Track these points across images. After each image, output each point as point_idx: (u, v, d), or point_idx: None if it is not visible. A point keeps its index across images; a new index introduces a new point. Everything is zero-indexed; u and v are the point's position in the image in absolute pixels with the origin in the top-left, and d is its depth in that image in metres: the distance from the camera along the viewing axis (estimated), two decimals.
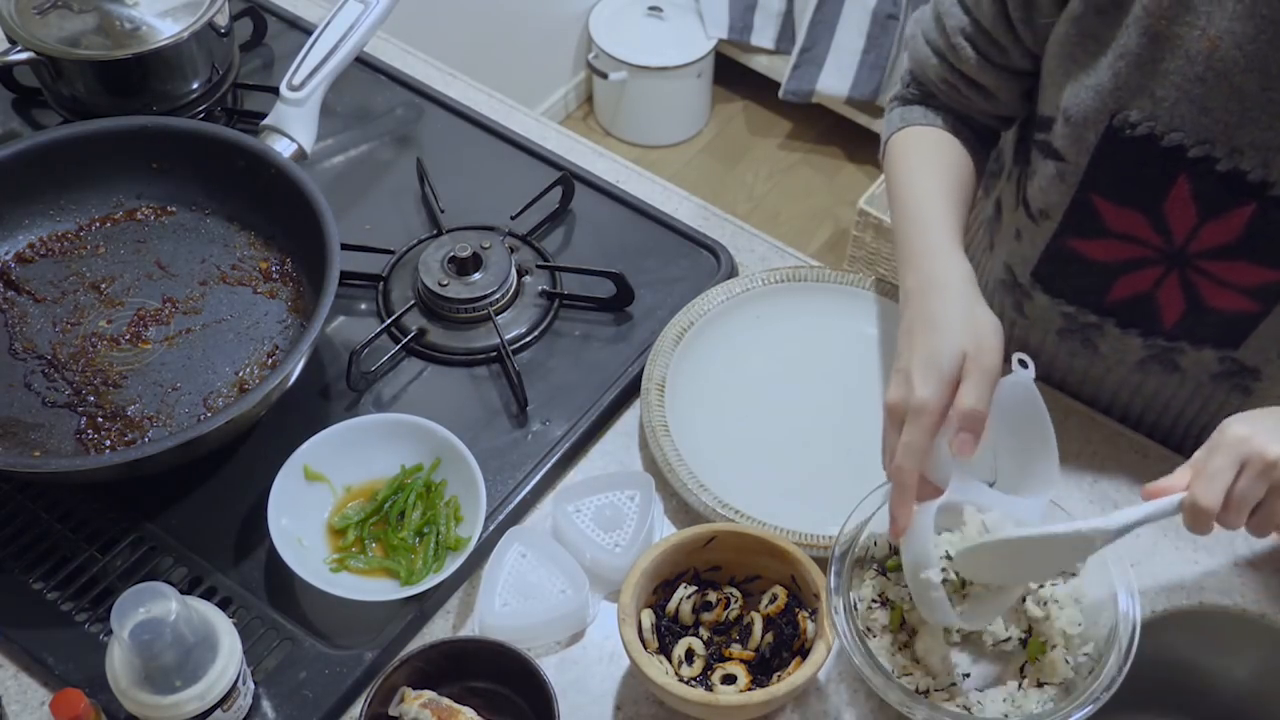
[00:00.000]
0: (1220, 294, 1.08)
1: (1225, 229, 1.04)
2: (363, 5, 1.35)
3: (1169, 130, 1.01)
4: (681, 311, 1.27)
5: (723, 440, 1.20)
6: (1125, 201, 1.07)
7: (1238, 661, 1.15)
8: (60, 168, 1.28)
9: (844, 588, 1.01)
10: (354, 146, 1.46)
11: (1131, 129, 1.03)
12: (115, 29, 1.37)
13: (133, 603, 0.91)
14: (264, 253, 1.28)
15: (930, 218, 1.10)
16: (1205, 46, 0.97)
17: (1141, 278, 1.11)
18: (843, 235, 2.96)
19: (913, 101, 1.22)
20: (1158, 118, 1.01)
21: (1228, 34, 0.96)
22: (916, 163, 1.17)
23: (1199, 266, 1.07)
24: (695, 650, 1.02)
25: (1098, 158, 1.06)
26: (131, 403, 1.17)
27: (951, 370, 0.97)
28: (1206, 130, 1.00)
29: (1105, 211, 1.09)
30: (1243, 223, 1.03)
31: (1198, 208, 1.04)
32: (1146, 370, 1.19)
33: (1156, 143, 1.02)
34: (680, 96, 3.12)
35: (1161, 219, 1.06)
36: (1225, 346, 1.13)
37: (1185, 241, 1.06)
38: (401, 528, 1.11)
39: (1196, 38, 0.97)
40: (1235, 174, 1.01)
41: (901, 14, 2.81)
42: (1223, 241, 1.05)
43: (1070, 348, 1.22)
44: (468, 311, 1.27)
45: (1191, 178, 1.02)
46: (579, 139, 1.49)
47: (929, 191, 1.12)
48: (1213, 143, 1.00)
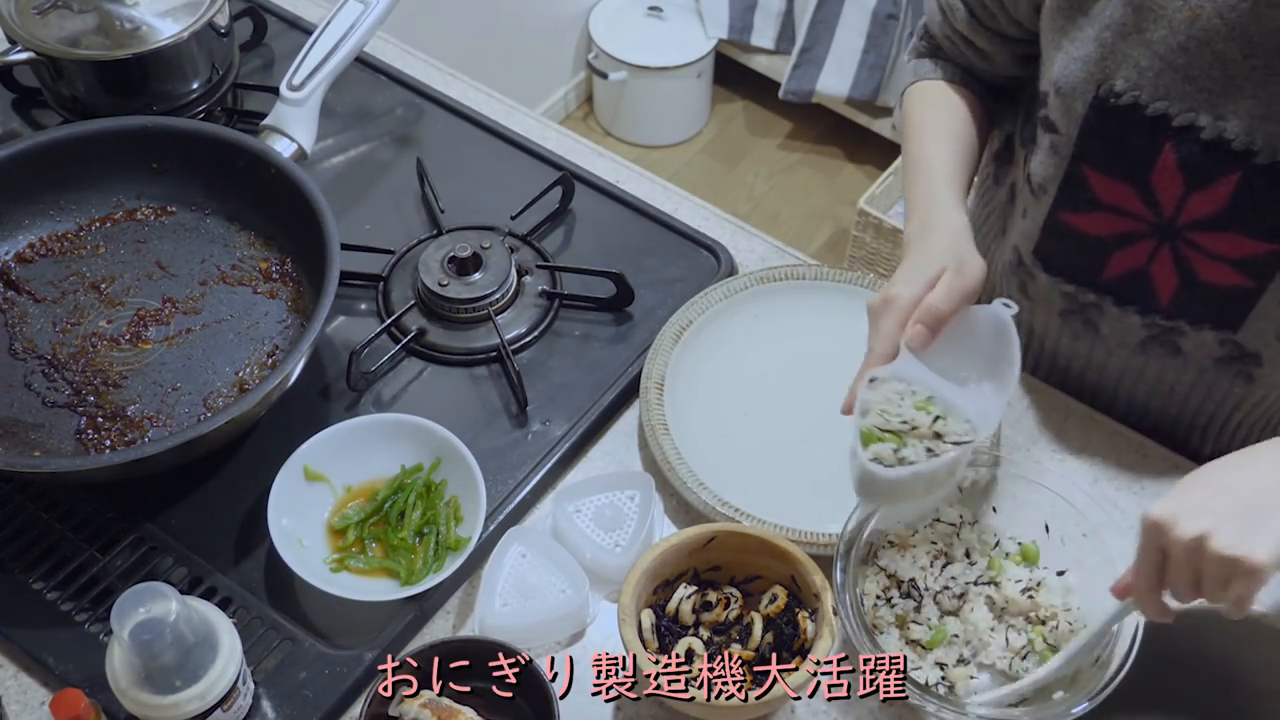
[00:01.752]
0: (1211, 267, 1.09)
1: (1212, 199, 1.05)
2: (363, 5, 1.35)
3: (1154, 99, 1.03)
4: (680, 310, 1.27)
5: (722, 439, 1.20)
6: (1113, 172, 1.09)
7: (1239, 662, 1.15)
8: (60, 168, 1.28)
9: (850, 584, 1.01)
10: (354, 146, 1.46)
11: (1116, 98, 1.05)
12: (115, 29, 1.37)
13: (133, 603, 0.91)
14: (264, 253, 1.28)
15: (933, 172, 1.15)
16: (1187, 15, 0.99)
17: (1134, 253, 1.12)
18: (843, 235, 2.96)
19: (924, 54, 1.26)
20: (1142, 87, 1.03)
21: (1209, 2, 0.98)
22: (922, 118, 1.22)
23: (1189, 239, 1.08)
24: (695, 650, 1.02)
25: (1086, 128, 1.08)
26: (131, 403, 1.17)
27: (929, 277, 1.02)
28: (1190, 98, 1.01)
29: (1096, 183, 1.10)
30: (1228, 192, 1.04)
31: (1184, 177, 1.05)
32: (1148, 353, 1.20)
33: (1141, 111, 1.04)
34: (680, 96, 3.12)
35: (1150, 190, 1.07)
36: (1224, 328, 1.13)
37: (1174, 213, 1.07)
38: (401, 528, 1.11)
39: (1179, 6, 0.99)
40: (1219, 142, 1.02)
41: (901, 14, 2.81)
42: (1210, 211, 1.06)
43: (1073, 329, 1.23)
44: (468, 311, 1.27)
45: (1177, 146, 1.04)
46: (579, 139, 1.49)
47: (934, 148, 1.17)
48: (1196, 111, 1.02)
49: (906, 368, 1.01)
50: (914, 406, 1.00)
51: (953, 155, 1.17)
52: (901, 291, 1.01)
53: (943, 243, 1.06)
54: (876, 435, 0.99)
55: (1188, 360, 1.18)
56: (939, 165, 1.15)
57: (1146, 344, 1.19)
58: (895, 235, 2.60)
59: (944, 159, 1.16)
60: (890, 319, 1.01)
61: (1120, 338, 1.20)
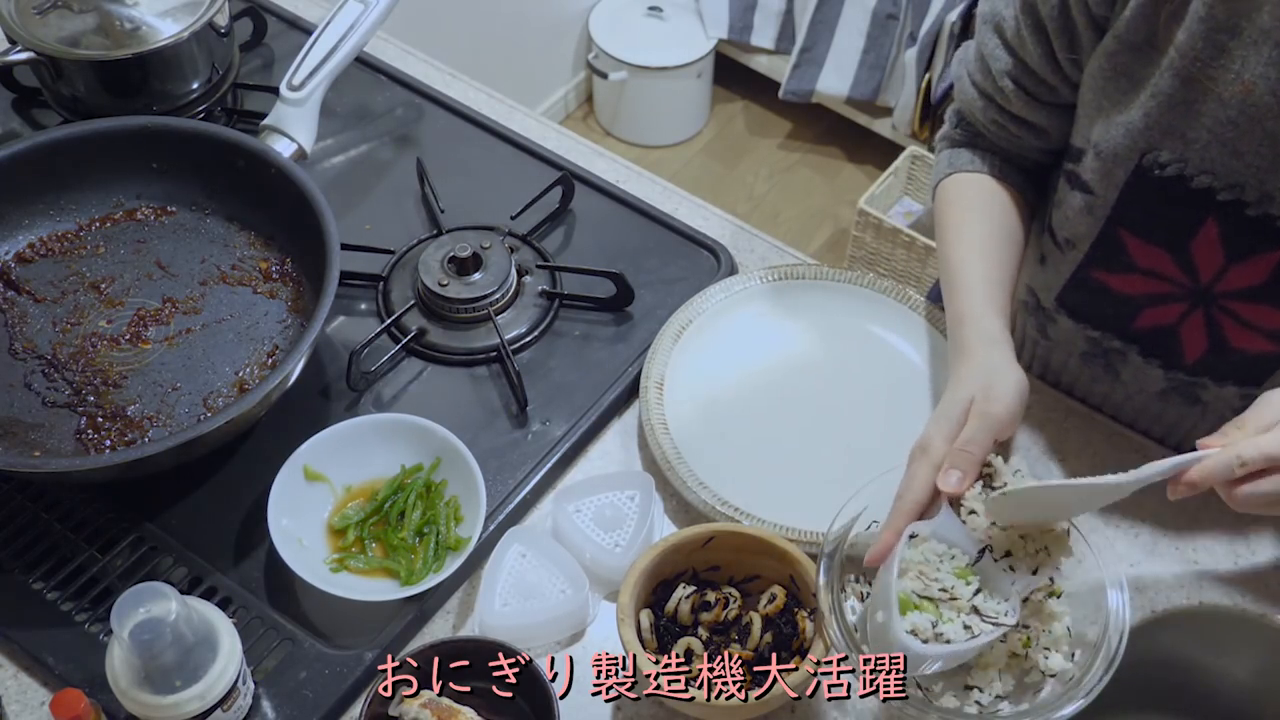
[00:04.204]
0: (1244, 335, 1.08)
1: (1253, 272, 1.03)
2: (363, 5, 1.35)
3: (1199, 172, 1.00)
4: (680, 310, 1.27)
5: (722, 438, 1.20)
6: (1152, 239, 1.07)
7: (1238, 661, 1.15)
8: (60, 168, 1.28)
9: (834, 587, 1.01)
10: (354, 146, 1.46)
11: (1161, 169, 1.02)
12: (115, 29, 1.37)
13: (133, 603, 0.91)
14: (264, 253, 1.28)
15: (967, 281, 1.11)
16: (1239, 91, 0.96)
17: (1166, 311, 1.11)
18: (843, 235, 2.96)
19: (960, 143, 1.21)
20: (1188, 159, 1.00)
21: (1262, 79, 0.95)
22: (958, 219, 1.17)
23: (1224, 306, 1.07)
24: (694, 650, 1.02)
25: (1126, 194, 1.06)
26: (131, 403, 1.17)
27: (958, 415, 0.99)
28: (1237, 174, 0.99)
29: (1133, 247, 1.08)
30: (1270, 267, 1.02)
31: (1225, 250, 1.03)
32: (1167, 400, 1.19)
33: (1186, 184, 1.01)
34: (680, 96, 3.12)
35: (1188, 258, 1.05)
36: (1248, 384, 1.12)
37: (1211, 282, 1.06)
38: (401, 528, 1.11)
39: (1230, 81, 0.97)
40: (1265, 219, 1.00)
41: (901, 14, 2.82)
42: (1249, 284, 1.04)
43: (1093, 372, 1.22)
44: (468, 311, 1.28)
45: (1220, 220, 1.02)
46: (579, 139, 1.49)
47: (969, 252, 1.13)
48: (1243, 187, 0.99)
49: (948, 527, 0.97)
50: (953, 573, 0.96)
51: (987, 259, 1.12)
52: (930, 437, 0.99)
53: (971, 367, 1.03)
54: (914, 603, 0.94)
55: (1207, 409, 1.17)
56: (971, 273, 1.11)
57: (1167, 393, 1.18)
58: (895, 235, 2.61)
59: (977, 266, 1.11)
60: (924, 465, 0.98)
61: (1140, 384, 1.19)
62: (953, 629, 0.93)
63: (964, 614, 0.94)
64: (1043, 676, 1.02)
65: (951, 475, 0.97)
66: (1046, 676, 1.02)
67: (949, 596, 0.94)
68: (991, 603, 0.95)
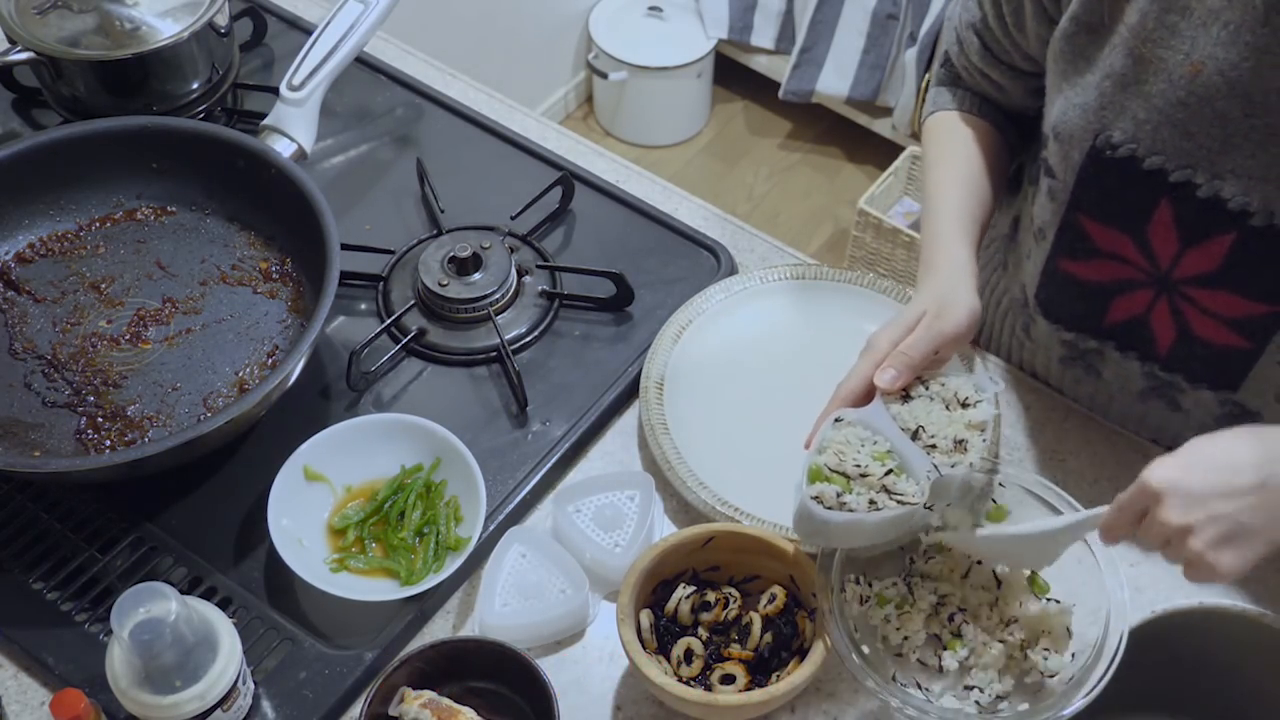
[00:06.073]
0: (1207, 324, 1.08)
1: (1207, 256, 1.03)
2: (363, 5, 1.35)
3: (1150, 153, 1.01)
4: (680, 310, 1.27)
5: (722, 438, 1.20)
6: (1110, 222, 1.08)
7: (1239, 662, 1.15)
8: (60, 168, 1.28)
9: (834, 587, 1.01)
10: (354, 146, 1.46)
11: (1113, 150, 1.03)
12: (115, 29, 1.37)
13: (133, 603, 0.91)
14: (264, 253, 1.28)
15: (940, 209, 1.15)
16: (1188, 71, 0.97)
17: (1134, 300, 1.11)
18: (843, 235, 2.96)
19: (944, 82, 1.26)
20: (1139, 140, 1.01)
21: (1211, 59, 0.96)
22: (937, 153, 1.22)
23: (1185, 293, 1.07)
24: (694, 650, 1.02)
25: (1083, 177, 1.07)
26: (131, 403, 1.17)
27: (909, 323, 1.04)
28: (1188, 155, 1.00)
29: (1093, 231, 1.09)
30: (1223, 251, 1.02)
31: (1179, 233, 1.03)
32: (1149, 404, 1.19)
33: (1138, 165, 1.02)
34: (680, 96, 3.12)
35: (1146, 242, 1.06)
36: (1223, 388, 1.12)
37: (1169, 267, 1.06)
38: (401, 528, 1.11)
39: (1180, 61, 0.97)
40: (1216, 201, 1.00)
41: (901, 14, 2.82)
42: (1205, 269, 1.04)
43: (1074, 375, 1.23)
44: (468, 311, 1.28)
45: (1174, 202, 1.02)
46: (579, 139, 1.49)
47: (943, 183, 1.18)
48: (1194, 168, 1.00)
49: (875, 416, 1.01)
50: (871, 455, 0.99)
51: (961, 190, 1.16)
52: (877, 339, 1.04)
53: (933, 285, 1.08)
54: (825, 474, 0.99)
55: (1189, 416, 1.17)
56: (946, 202, 1.15)
57: (1147, 395, 1.18)
58: (895, 235, 2.61)
59: (951, 195, 1.16)
60: (866, 361, 1.04)
61: (1122, 383, 1.19)
62: (857, 500, 0.97)
63: (874, 491, 0.98)
64: (1043, 676, 1.02)
65: (887, 373, 1.02)
66: (1046, 676, 1.02)
67: (860, 474, 0.98)
68: (903, 482, 0.99)
